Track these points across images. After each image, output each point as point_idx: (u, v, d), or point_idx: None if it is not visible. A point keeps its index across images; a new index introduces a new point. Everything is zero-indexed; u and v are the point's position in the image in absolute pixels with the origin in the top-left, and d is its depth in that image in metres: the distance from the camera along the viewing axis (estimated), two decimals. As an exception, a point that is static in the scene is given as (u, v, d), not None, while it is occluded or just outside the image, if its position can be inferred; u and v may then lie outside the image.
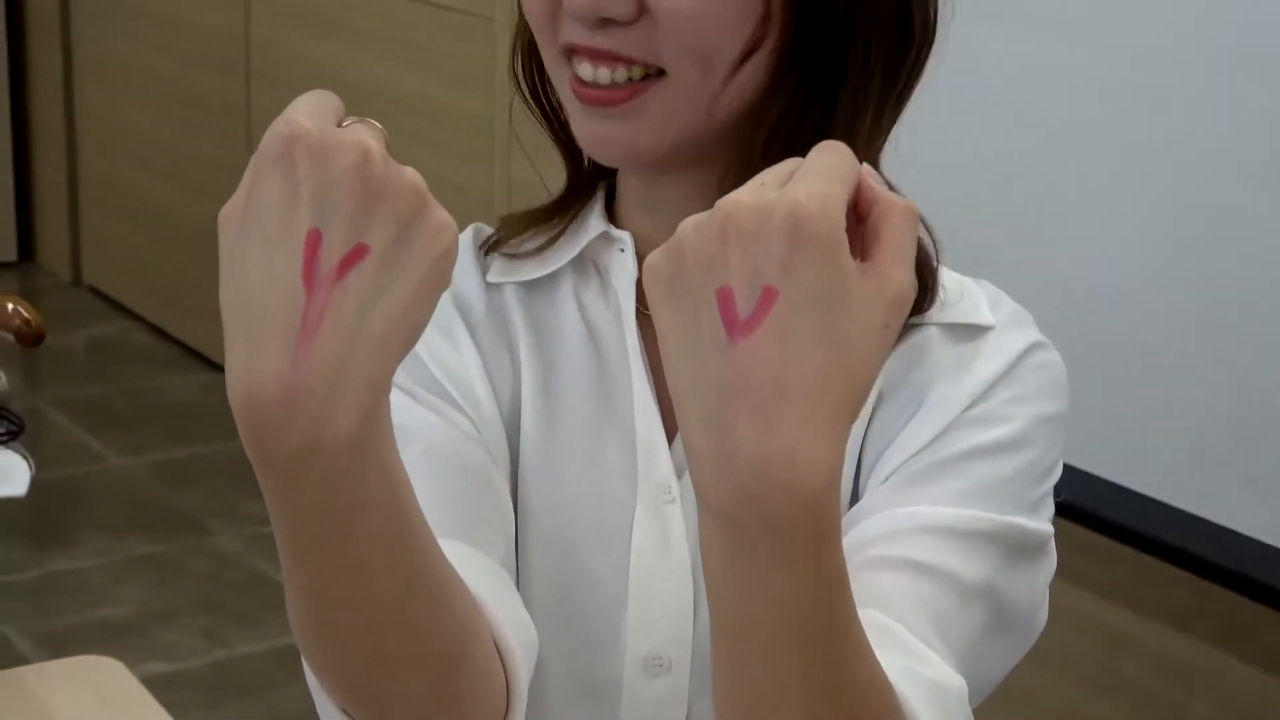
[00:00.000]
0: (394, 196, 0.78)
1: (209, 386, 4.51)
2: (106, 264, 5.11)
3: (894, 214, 0.79)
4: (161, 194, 4.78)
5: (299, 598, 0.86)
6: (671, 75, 1.04)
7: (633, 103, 1.05)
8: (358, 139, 0.78)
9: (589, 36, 1.04)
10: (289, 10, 4.19)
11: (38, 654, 3.22)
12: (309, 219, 0.77)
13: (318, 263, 0.77)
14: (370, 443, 0.79)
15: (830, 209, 0.76)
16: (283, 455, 0.78)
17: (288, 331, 0.76)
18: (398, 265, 0.78)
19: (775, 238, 0.75)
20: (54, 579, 3.55)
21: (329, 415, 0.77)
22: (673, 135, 1.06)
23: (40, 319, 2.34)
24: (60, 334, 4.75)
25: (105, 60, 4.96)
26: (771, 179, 0.78)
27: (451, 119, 3.60)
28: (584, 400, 1.14)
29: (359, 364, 0.77)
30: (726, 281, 0.76)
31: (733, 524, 0.77)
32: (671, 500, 1.12)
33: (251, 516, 3.81)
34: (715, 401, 0.76)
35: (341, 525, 0.81)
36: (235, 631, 3.38)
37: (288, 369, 0.76)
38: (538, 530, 1.13)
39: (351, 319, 0.77)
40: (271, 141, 0.78)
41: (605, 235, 1.15)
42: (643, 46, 1.03)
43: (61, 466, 4.00)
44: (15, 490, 2.14)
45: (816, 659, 0.81)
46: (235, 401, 0.78)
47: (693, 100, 1.05)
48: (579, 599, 1.12)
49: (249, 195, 0.78)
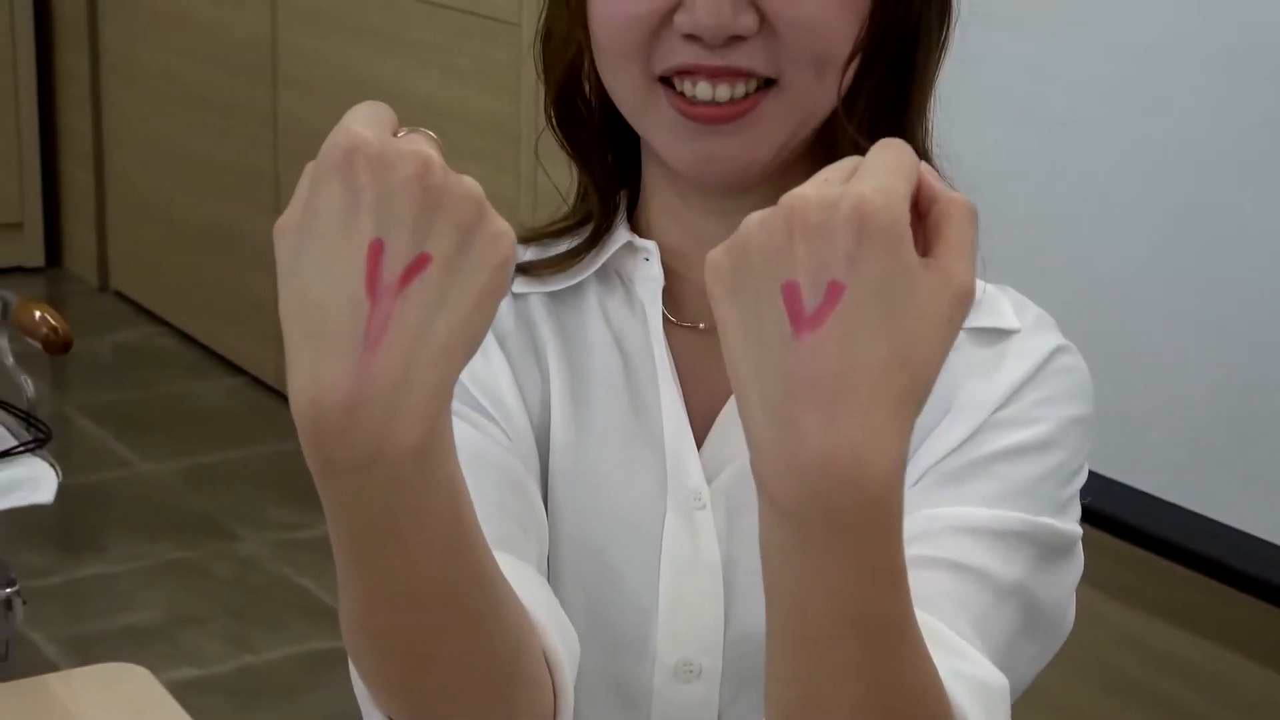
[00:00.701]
0: (454, 205, 0.78)
1: (235, 392, 4.52)
2: (134, 269, 5.12)
3: (955, 210, 0.79)
4: (189, 200, 4.79)
5: (355, 606, 0.86)
6: (784, 83, 1.06)
7: (749, 115, 1.06)
8: (418, 148, 0.78)
9: (708, 55, 1.05)
10: (315, 15, 4.19)
11: (65, 659, 3.23)
12: (371, 228, 0.77)
13: (381, 272, 0.77)
14: (432, 451, 0.79)
15: (895, 203, 0.76)
16: (346, 464, 0.78)
17: (352, 341, 0.77)
18: (459, 274, 0.78)
19: (841, 232, 0.75)
20: (81, 584, 3.56)
21: (393, 424, 0.77)
22: (779, 144, 1.08)
23: (68, 326, 2.35)
24: (87, 339, 4.76)
25: (133, 66, 4.97)
26: (835, 175, 0.79)
27: (478, 124, 3.60)
28: (613, 408, 1.15)
29: (423, 373, 0.77)
30: (792, 276, 0.76)
31: (796, 518, 0.78)
32: (701, 506, 1.12)
33: (277, 522, 3.82)
34: (781, 396, 0.76)
35: (402, 534, 0.81)
36: (261, 637, 3.38)
37: (352, 378, 0.76)
38: (569, 538, 1.13)
39: (415, 328, 0.77)
40: (331, 152, 0.78)
41: (629, 245, 1.15)
42: (762, 58, 1.05)
43: (89, 472, 4.01)
44: (42, 498, 2.15)
45: (874, 652, 0.81)
46: (299, 410, 0.78)
47: (803, 106, 1.07)
48: (610, 606, 1.13)
49: (307, 206, 0.78)
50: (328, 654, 3.29)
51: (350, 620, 0.87)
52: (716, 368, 1.15)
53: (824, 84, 1.07)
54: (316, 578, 3.59)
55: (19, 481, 2.16)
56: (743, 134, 1.07)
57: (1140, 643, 2.35)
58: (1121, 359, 2.18)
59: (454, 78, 3.73)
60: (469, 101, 3.66)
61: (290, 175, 4.32)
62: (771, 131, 1.07)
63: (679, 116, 1.07)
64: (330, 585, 3.53)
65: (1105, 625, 2.36)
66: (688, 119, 1.07)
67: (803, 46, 1.05)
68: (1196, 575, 2.19)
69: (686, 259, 1.15)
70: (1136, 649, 2.36)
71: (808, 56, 1.05)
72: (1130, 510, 2.20)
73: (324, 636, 3.37)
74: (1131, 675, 2.37)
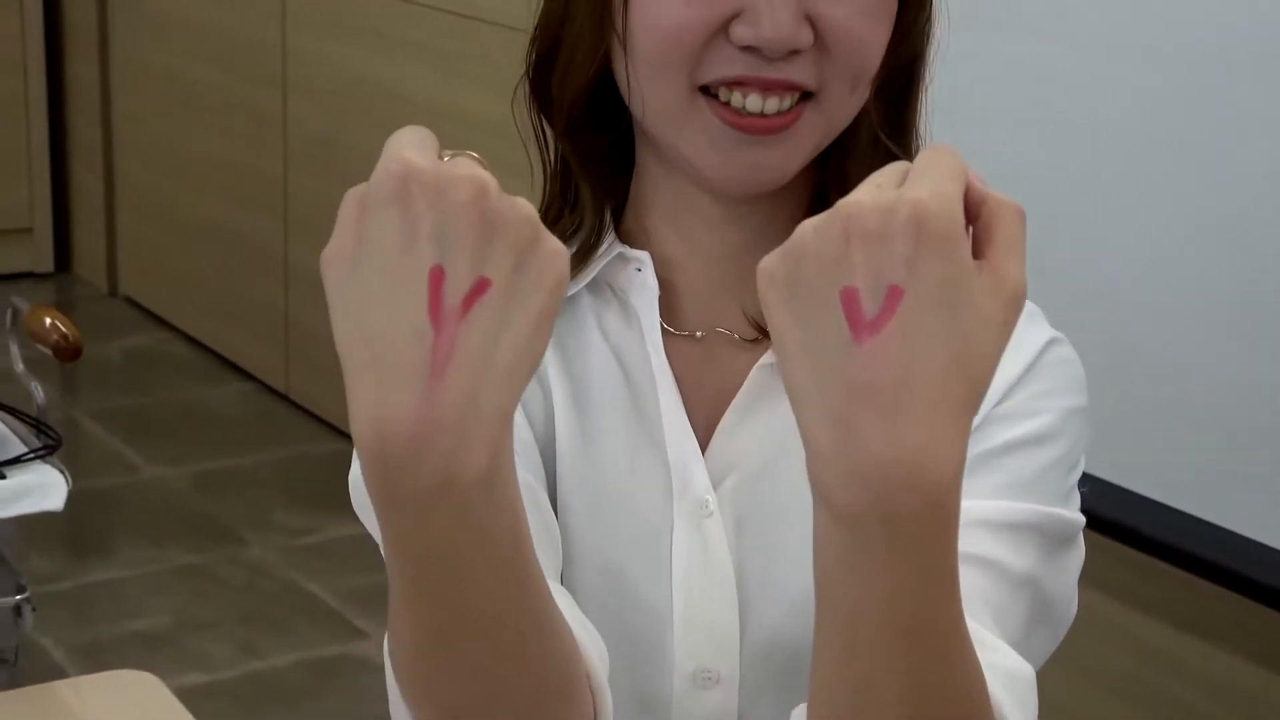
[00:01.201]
0: (511, 228, 0.78)
1: (245, 397, 4.52)
2: (143, 275, 5.13)
3: (1005, 213, 0.79)
4: (198, 205, 4.79)
5: (413, 633, 0.86)
6: (822, 98, 1.08)
7: (792, 127, 1.07)
8: (472, 172, 0.78)
9: (764, 67, 1.06)
10: (324, 20, 4.20)
11: (74, 665, 3.23)
12: (431, 255, 0.77)
13: (443, 299, 0.77)
14: (498, 476, 0.79)
15: (951, 207, 0.77)
16: (413, 493, 0.78)
17: (418, 369, 0.76)
18: (518, 296, 0.78)
19: (900, 236, 0.76)
20: (90, 589, 3.56)
21: (462, 451, 0.77)
22: (810, 154, 1.10)
23: (78, 334, 2.35)
24: (97, 344, 4.76)
25: (142, 71, 4.98)
26: (887, 180, 0.79)
27: (487, 128, 3.60)
28: (616, 420, 1.15)
29: (488, 398, 0.77)
30: (851, 282, 0.77)
31: (856, 523, 0.78)
32: (710, 514, 1.13)
33: (286, 527, 3.82)
34: (841, 401, 0.77)
35: (468, 560, 0.81)
36: (270, 642, 3.38)
37: (420, 407, 0.76)
38: (582, 550, 1.14)
39: (479, 353, 0.77)
40: (385, 180, 0.77)
41: (620, 256, 1.16)
42: (812, 72, 1.07)
43: (98, 477, 4.01)
44: (52, 505, 2.15)
45: (927, 655, 0.82)
46: (364, 440, 0.77)
47: (836, 119, 1.10)
48: (626, 616, 1.13)
49: (360, 235, 0.78)
50: (336, 659, 3.29)
51: (408, 647, 0.87)
52: (715, 375, 1.15)
53: (855, 97, 1.10)
54: (325, 583, 3.59)
55: (29, 488, 2.16)
56: (784, 144, 1.08)
57: (1140, 642, 2.35)
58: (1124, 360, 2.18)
59: (462, 82, 3.73)
60: (478, 106, 3.66)
61: (299, 180, 4.32)
62: (807, 142, 1.09)
63: (723, 126, 1.08)
64: (337, 590, 3.53)
65: (1105, 625, 2.36)
66: (734, 129, 1.07)
67: (848, 62, 1.07)
68: (1197, 579, 2.19)
69: (681, 268, 1.15)
70: (1136, 649, 2.36)
71: (849, 71, 1.08)
72: (1133, 514, 2.20)
73: (332, 642, 3.37)
74: (1131, 675, 2.37)
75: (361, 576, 3.55)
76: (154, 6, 4.88)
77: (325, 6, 4.18)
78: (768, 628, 1.12)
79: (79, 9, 5.16)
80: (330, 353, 0.79)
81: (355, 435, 0.78)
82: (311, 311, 4.29)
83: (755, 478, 1.14)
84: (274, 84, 4.39)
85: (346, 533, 3.67)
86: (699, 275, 1.16)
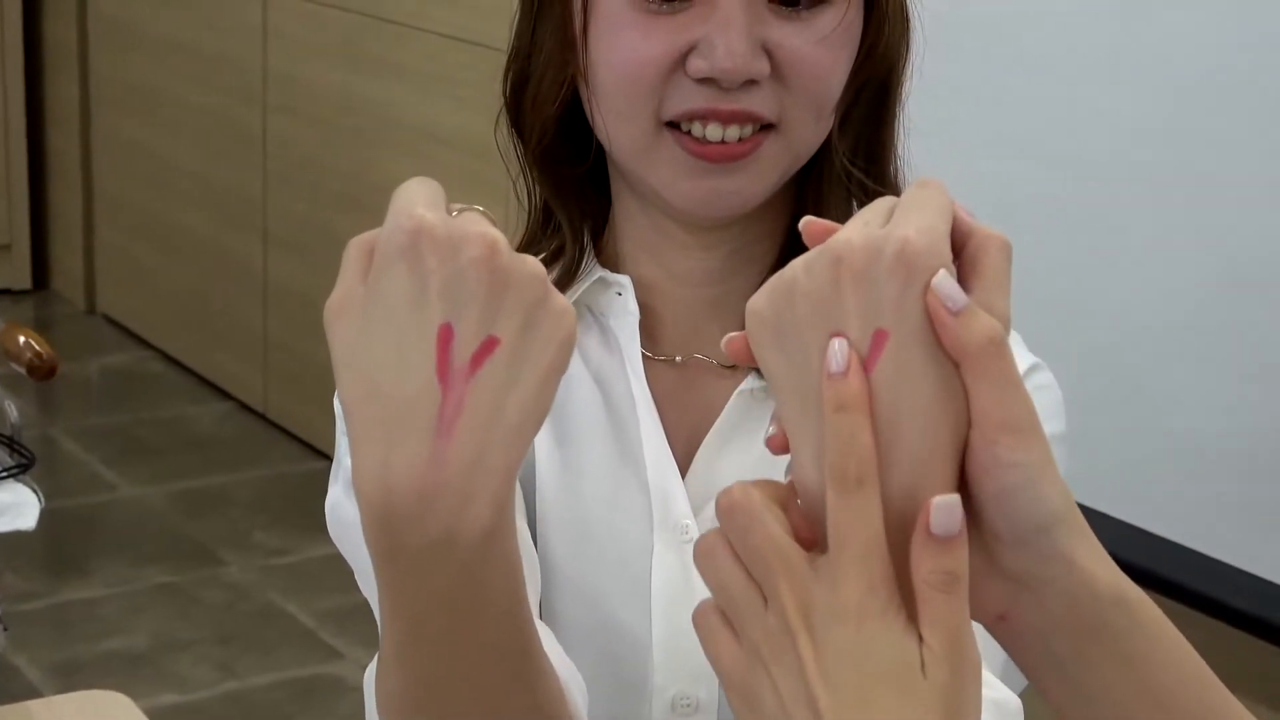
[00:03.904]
0: (520, 286, 0.78)
1: (223, 416, 4.51)
2: (121, 293, 5.12)
3: (992, 246, 0.79)
4: (177, 223, 4.78)
5: (403, 682, 0.85)
6: (784, 127, 1.09)
7: (752, 155, 1.09)
8: (482, 230, 0.77)
9: (722, 99, 1.08)
10: (304, 40, 4.19)
11: (49, 685, 3.21)
12: (440, 313, 0.76)
13: (451, 357, 0.76)
14: (499, 533, 0.79)
15: (938, 244, 0.76)
16: (417, 548, 0.77)
17: (425, 427, 0.76)
18: (526, 354, 0.78)
19: (887, 278, 0.75)
20: (67, 609, 3.55)
21: (467, 509, 0.77)
22: (775, 181, 1.11)
23: (53, 352, 2.34)
24: (75, 363, 4.75)
25: (122, 89, 4.97)
26: (875, 216, 0.79)
27: (468, 149, 3.60)
28: (596, 446, 1.15)
29: (495, 456, 0.77)
30: (842, 325, 0.76)
31: None
32: (689, 540, 1.12)
33: (264, 548, 3.81)
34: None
35: (467, 614, 0.81)
36: (247, 663, 3.37)
37: (427, 465, 0.76)
38: (562, 577, 1.14)
39: (487, 412, 0.77)
40: (395, 235, 0.77)
41: (601, 280, 1.16)
42: (771, 103, 1.08)
43: (75, 496, 3.99)
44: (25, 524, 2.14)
45: None
46: (369, 495, 0.77)
47: (799, 147, 1.11)
48: (606, 642, 1.13)
49: (369, 288, 0.78)
50: (312, 680, 3.28)
51: (399, 697, 0.86)
52: (695, 399, 1.15)
53: (820, 126, 1.11)
54: (303, 603, 3.58)
55: (2, 508, 2.15)
56: (746, 171, 1.09)
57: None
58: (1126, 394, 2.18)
59: (443, 102, 3.73)
60: (459, 126, 3.66)
61: (279, 199, 4.32)
62: (771, 169, 1.10)
63: (687, 156, 1.09)
64: (315, 610, 3.52)
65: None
66: (696, 158, 1.09)
67: (807, 92, 1.08)
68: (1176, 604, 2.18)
69: (660, 292, 1.15)
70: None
71: (809, 100, 1.09)
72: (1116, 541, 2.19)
73: (309, 663, 3.36)
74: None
75: (338, 597, 3.54)
76: (134, 25, 4.87)
77: (306, 26, 4.18)
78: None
79: (59, 26, 5.15)
80: (309, 372, 0.79)
81: (358, 490, 0.77)
82: (290, 331, 4.28)
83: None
84: (254, 103, 4.38)
85: (324, 553, 3.66)
86: (677, 300, 1.16)
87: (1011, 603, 0.78)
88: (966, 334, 0.76)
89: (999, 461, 0.76)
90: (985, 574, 0.78)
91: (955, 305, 0.76)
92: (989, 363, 0.76)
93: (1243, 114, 2.03)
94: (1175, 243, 2.13)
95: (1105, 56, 2.17)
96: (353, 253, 0.79)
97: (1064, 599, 0.77)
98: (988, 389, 0.76)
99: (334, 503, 1.13)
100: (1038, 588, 0.77)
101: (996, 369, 0.76)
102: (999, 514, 0.77)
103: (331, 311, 0.78)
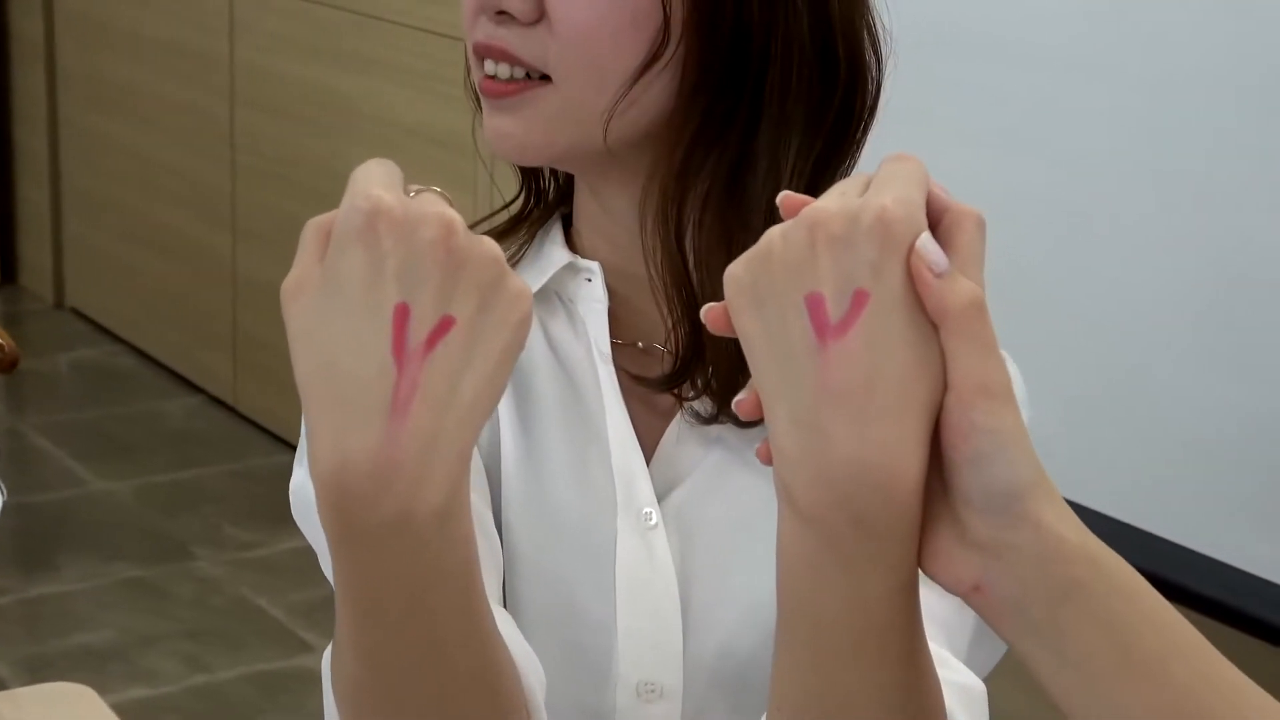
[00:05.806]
0: (476, 267, 0.78)
1: (193, 410, 4.50)
2: (89, 287, 5.10)
3: (967, 221, 0.80)
4: (146, 217, 4.77)
5: (362, 665, 0.85)
6: (558, 83, 1.08)
7: (518, 98, 1.08)
8: (439, 210, 0.78)
9: (492, 31, 1.08)
10: (273, 33, 4.18)
11: (17, 678, 3.20)
12: (396, 293, 0.77)
13: (407, 337, 0.77)
14: (454, 512, 0.79)
15: (915, 213, 0.77)
16: (371, 528, 0.78)
17: (380, 407, 0.76)
18: (482, 335, 0.79)
19: (864, 241, 0.76)
20: (36, 603, 3.54)
21: (421, 488, 0.77)
22: (563, 141, 1.09)
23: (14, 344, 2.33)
24: (43, 357, 4.73)
25: (90, 83, 4.95)
26: (851, 188, 0.80)
27: (433, 139, 3.60)
28: (561, 431, 1.15)
29: (449, 436, 0.78)
30: (816, 287, 0.77)
31: (823, 525, 0.78)
32: (653, 526, 1.12)
33: (235, 542, 3.80)
34: (808, 404, 0.77)
35: (421, 594, 0.81)
36: (217, 657, 3.36)
37: (381, 444, 0.76)
38: (526, 563, 1.13)
39: (442, 392, 0.77)
40: (352, 216, 0.78)
41: (571, 266, 1.15)
42: (534, 52, 1.07)
43: (45, 491, 3.98)
44: (-9, 517, 2.13)
45: (893, 658, 0.81)
46: (323, 475, 0.77)
47: (581, 112, 1.08)
48: (569, 629, 1.13)
49: (325, 269, 0.78)
50: (282, 673, 3.27)
51: (353, 679, 0.86)
52: None
53: (603, 95, 1.07)
54: (274, 597, 3.57)
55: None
56: (517, 114, 1.09)
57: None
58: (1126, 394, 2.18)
59: (411, 95, 3.73)
60: (424, 117, 3.66)
61: (247, 192, 4.31)
62: (545, 123, 1.09)
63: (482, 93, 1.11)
64: (285, 604, 3.52)
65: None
66: (483, 94, 1.10)
67: (573, 50, 1.06)
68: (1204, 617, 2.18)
69: (623, 276, 1.15)
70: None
71: (578, 60, 1.07)
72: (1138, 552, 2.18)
73: (279, 657, 3.35)
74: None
75: (309, 590, 3.54)
76: (100, 17, 4.86)
77: (273, 19, 4.17)
78: (711, 641, 1.12)
79: (24, 19, 5.13)
80: (279, 365, 0.79)
81: (313, 470, 0.78)
82: (260, 324, 4.27)
83: (703, 489, 1.13)
84: (222, 96, 4.37)
85: (294, 546, 3.65)
86: (638, 282, 1.15)
87: (983, 572, 0.78)
88: (951, 296, 0.77)
89: (975, 426, 0.77)
90: (957, 544, 0.79)
91: (939, 268, 0.77)
92: (970, 325, 0.77)
93: (1243, 113, 2.03)
94: (1175, 242, 2.12)
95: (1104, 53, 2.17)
96: (310, 233, 0.79)
97: (1034, 563, 0.77)
98: (967, 352, 0.77)
99: (297, 485, 1.13)
100: (1008, 554, 0.77)
101: (977, 332, 0.77)
102: (972, 478, 0.77)
103: (288, 292, 0.79)
